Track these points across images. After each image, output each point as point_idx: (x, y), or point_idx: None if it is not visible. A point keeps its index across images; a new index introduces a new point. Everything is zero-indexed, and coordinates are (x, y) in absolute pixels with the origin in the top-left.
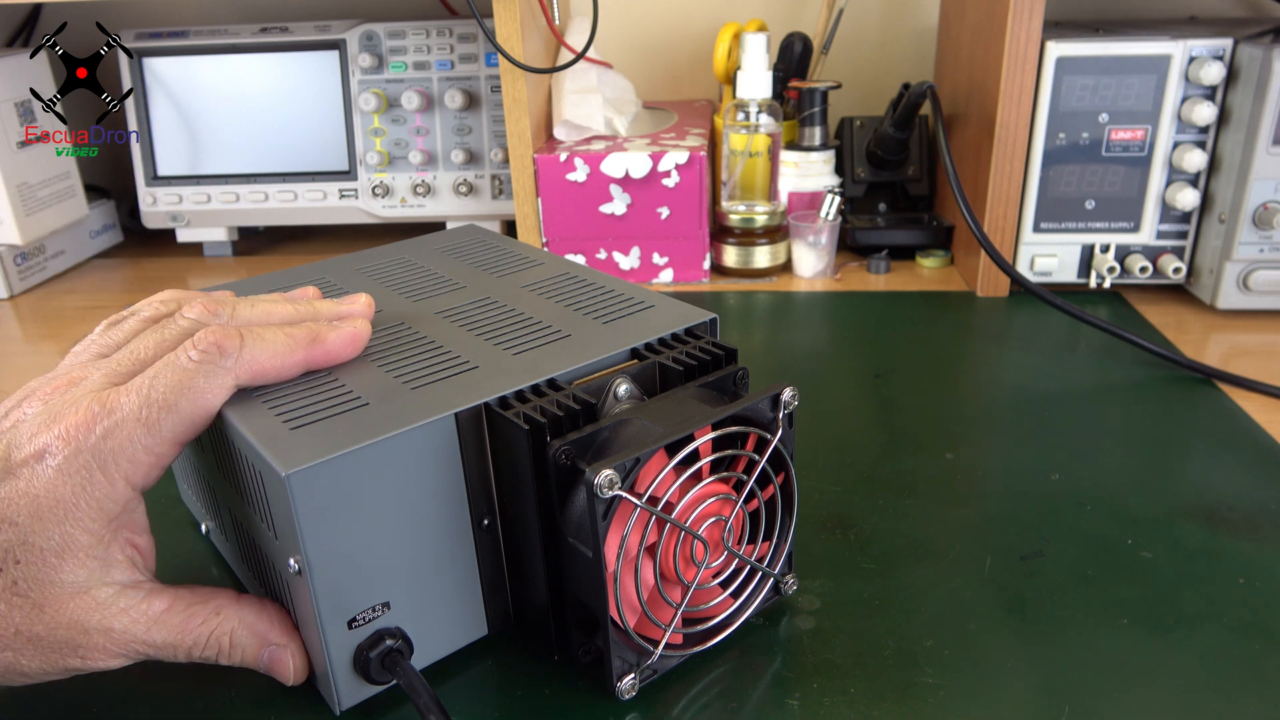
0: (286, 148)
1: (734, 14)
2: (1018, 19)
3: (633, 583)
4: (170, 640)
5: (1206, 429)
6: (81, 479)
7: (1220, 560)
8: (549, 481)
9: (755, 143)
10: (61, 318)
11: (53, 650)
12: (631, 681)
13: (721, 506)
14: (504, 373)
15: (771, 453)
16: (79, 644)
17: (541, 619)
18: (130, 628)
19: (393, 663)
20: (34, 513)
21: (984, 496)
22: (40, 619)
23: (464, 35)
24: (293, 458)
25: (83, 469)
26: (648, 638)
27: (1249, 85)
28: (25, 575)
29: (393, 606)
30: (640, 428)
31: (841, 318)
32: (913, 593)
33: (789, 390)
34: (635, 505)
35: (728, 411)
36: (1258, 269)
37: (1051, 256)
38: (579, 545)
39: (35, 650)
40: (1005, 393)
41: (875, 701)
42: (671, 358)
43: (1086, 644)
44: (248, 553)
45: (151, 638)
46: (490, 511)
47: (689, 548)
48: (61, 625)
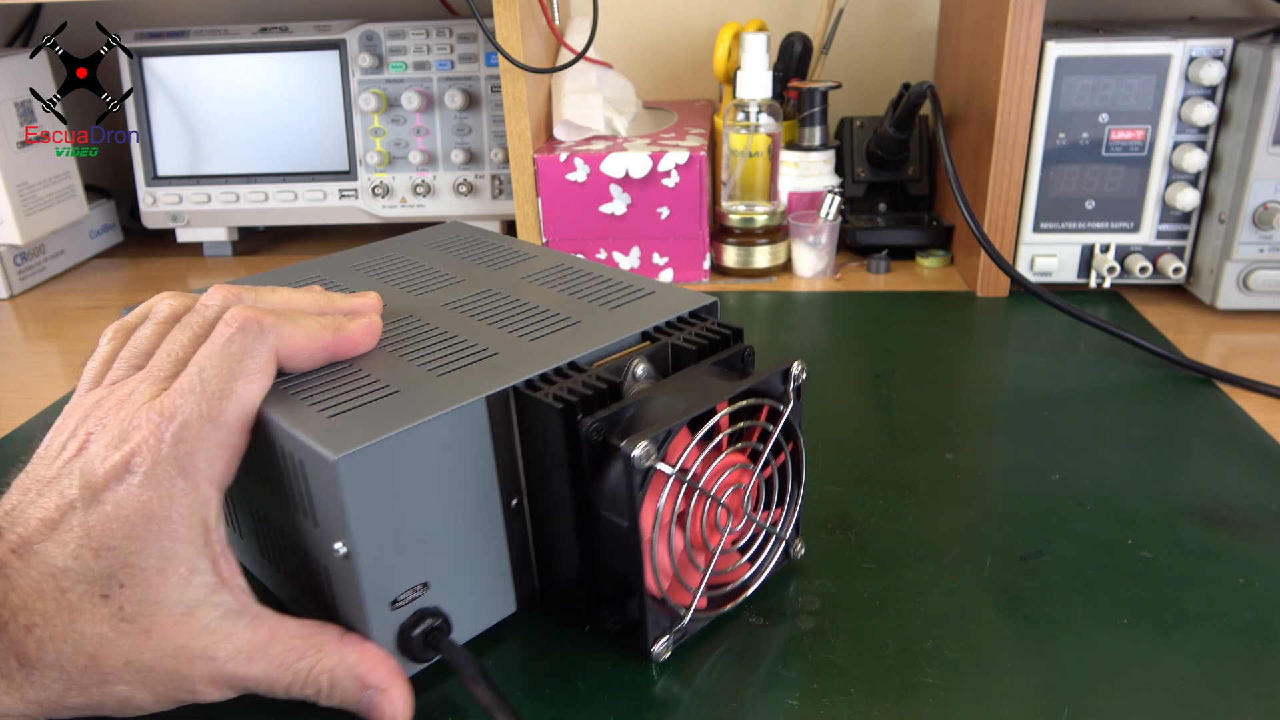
0: (286, 148)
1: (734, 14)
2: (1018, 19)
3: (666, 551)
4: (270, 675)
5: (1206, 429)
6: (166, 489)
7: (1220, 560)
8: (581, 458)
9: (755, 143)
10: (61, 318)
11: (160, 682)
12: (666, 644)
13: (740, 475)
14: (526, 358)
15: (783, 423)
16: (184, 674)
17: (572, 592)
18: (233, 657)
19: (435, 640)
20: (129, 534)
21: (984, 496)
22: (148, 645)
23: (464, 35)
24: (339, 443)
25: (164, 480)
26: (678, 603)
27: (1249, 85)
28: (131, 598)
29: (431, 586)
30: (663, 403)
31: (841, 318)
32: (913, 593)
33: (797, 364)
34: (668, 476)
35: (744, 385)
36: (1258, 269)
37: (1051, 256)
38: (613, 517)
39: (144, 681)
40: (1005, 393)
41: (875, 701)
42: (683, 338)
43: (1086, 644)
44: (274, 549)
45: (252, 670)
46: (518, 491)
47: (714, 515)
48: (168, 653)
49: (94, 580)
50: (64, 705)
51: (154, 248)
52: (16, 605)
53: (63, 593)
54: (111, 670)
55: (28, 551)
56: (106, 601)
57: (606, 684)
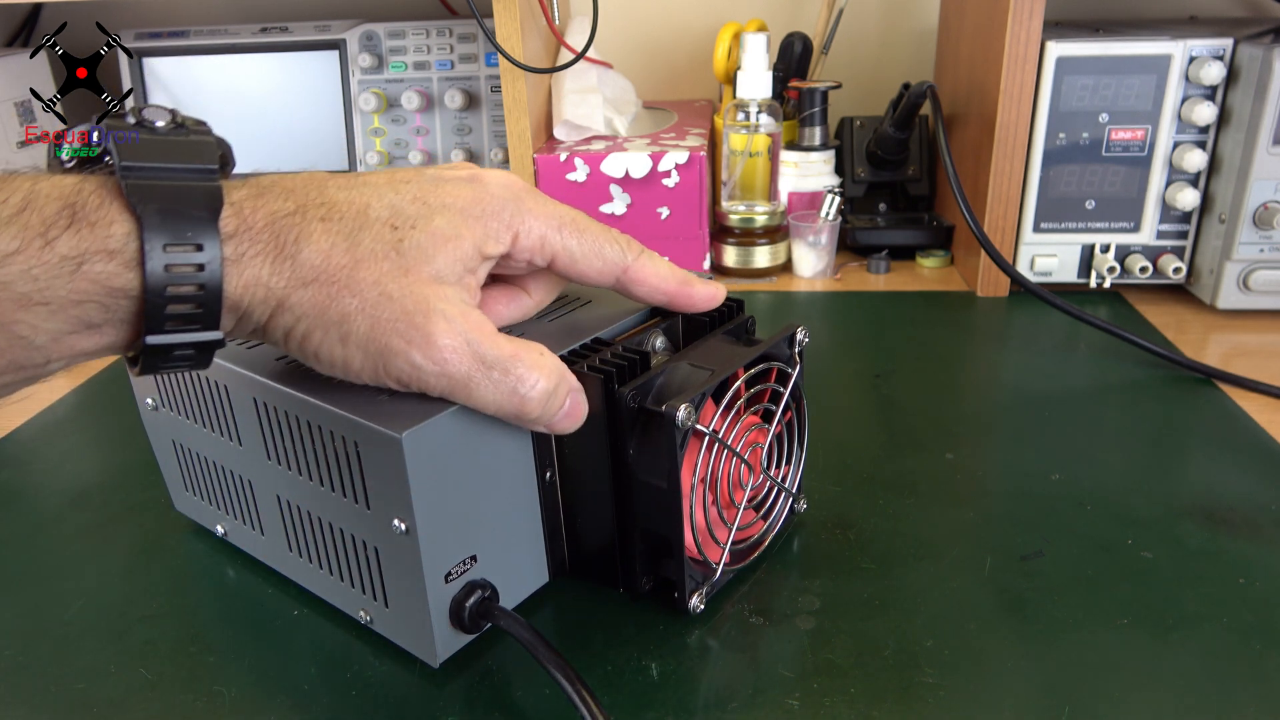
0: (286, 148)
1: (734, 14)
2: (1018, 19)
3: (701, 509)
4: (497, 358)
5: (1206, 429)
6: (489, 212)
7: (1220, 560)
8: (618, 426)
9: (755, 143)
10: None
11: (386, 321)
12: (701, 597)
13: (757, 435)
14: (550, 335)
15: (791, 384)
16: (417, 322)
17: (604, 557)
18: (462, 318)
19: (487, 609)
20: (442, 207)
21: (984, 496)
22: (401, 280)
23: (464, 35)
24: (400, 421)
25: (495, 209)
26: (709, 559)
27: (1249, 85)
28: (412, 240)
29: (479, 559)
30: (688, 371)
31: (841, 318)
32: (913, 593)
33: (800, 330)
34: (704, 436)
35: (759, 351)
36: (1258, 269)
37: (1051, 256)
38: (652, 480)
39: (375, 310)
40: (1005, 393)
41: (875, 701)
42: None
43: (1086, 644)
44: (304, 536)
45: (481, 347)
46: (551, 465)
47: (738, 473)
48: (412, 295)
49: (398, 213)
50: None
51: None
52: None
53: (367, 208)
54: (361, 282)
55: (370, 174)
56: (394, 231)
57: (608, 682)
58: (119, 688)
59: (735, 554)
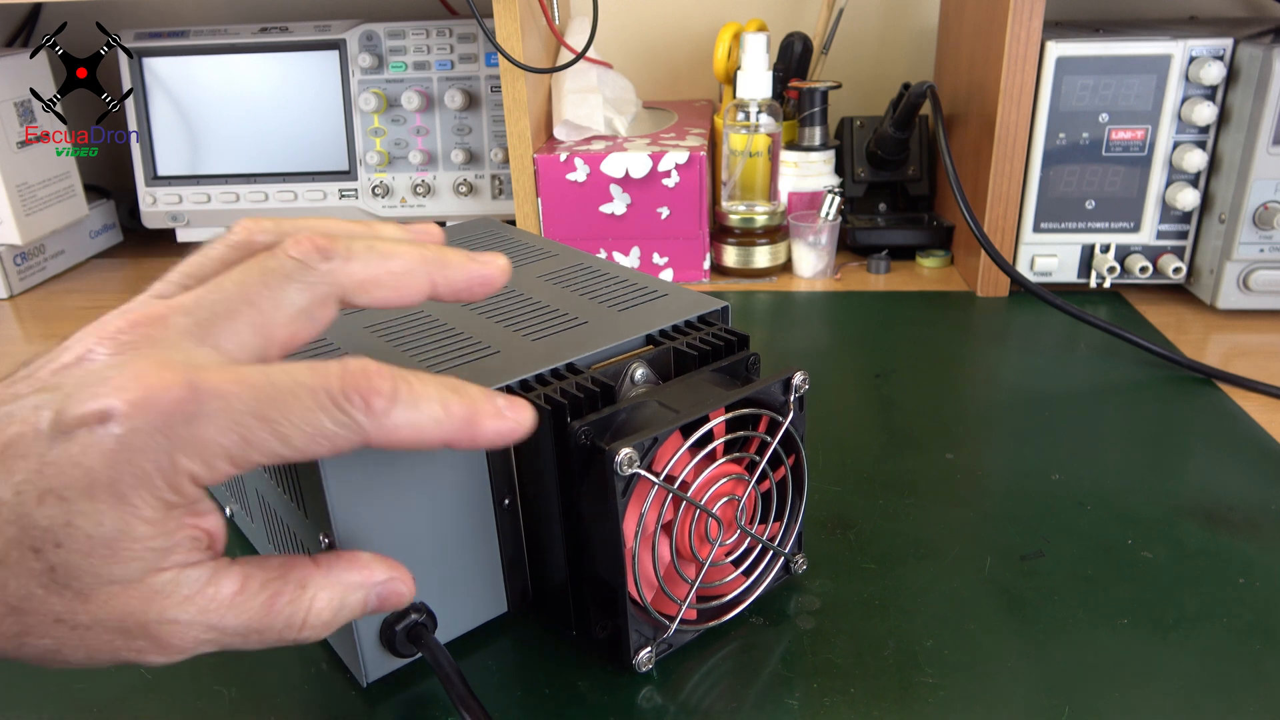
0: (286, 148)
1: (734, 14)
2: (1018, 19)
3: (650, 559)
4: (252, 624)
5: (1206, 429)
6: (147, 462)
7: (1220, 560)
8: (570, 461)
9: (755, 143)
10: (61, 318)
11: (100, 645)
12: (648, 654)
13: (735, 486)
14: (525, 358)
15: (783, 435)
16: (134, 640)
17: (560, 596)
18: (198, 618)
19: (417, 636)
20: (86, 490)
21: (984, 496)
22: (85, 609)
23: (464, 35)
24: None
25: (151, 450)
26: (664, 613)
27: (1249, 85)
28: (66, 563)
29: (417, 582)
30: (656, 409)
31: (841, 318)
32: (913, 593)
33: (800, 374)
34: (653, 483)
35: (741, 394)
36: (1258, 269)
37: (1051, 256)
38: (595, 523)
39: (80, 641)
40: (1005, 393)
41: (875, 701)
42: (686, 343)
43: (1086, 644)
44: (276, 535)
45: (226, 624)
46: (511, 491)
47: (704, 526)
48: (112, 618)
49: (28, 527)
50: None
51: (154, 248)
52: None
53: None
54: (37, 625)
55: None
56: (37, 556)
57: (606, 684)
58: (119, 688)
59: (704, 612)
